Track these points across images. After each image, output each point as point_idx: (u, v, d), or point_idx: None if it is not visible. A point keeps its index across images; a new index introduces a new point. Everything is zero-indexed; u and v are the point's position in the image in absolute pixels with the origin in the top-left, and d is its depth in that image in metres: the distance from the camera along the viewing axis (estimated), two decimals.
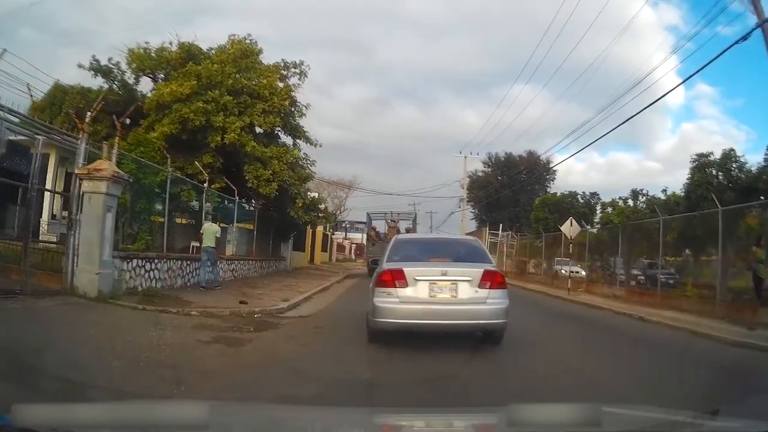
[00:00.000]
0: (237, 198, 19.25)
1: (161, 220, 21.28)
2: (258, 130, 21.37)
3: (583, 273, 24.18)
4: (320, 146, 22.47)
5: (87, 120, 12.21)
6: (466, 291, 7.54)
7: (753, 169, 18.82)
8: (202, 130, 19.77)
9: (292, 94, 21.19)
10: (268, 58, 22.42)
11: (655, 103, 30.78)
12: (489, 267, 7.91)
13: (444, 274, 7.62)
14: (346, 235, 70.75)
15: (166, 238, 14.03)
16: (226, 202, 19.76)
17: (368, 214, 36.10)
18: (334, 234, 62.25)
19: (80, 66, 22.34)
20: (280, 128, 21.66)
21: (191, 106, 19.62)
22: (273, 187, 19.25)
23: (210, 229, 14.74)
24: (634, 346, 9.95)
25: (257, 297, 13.24)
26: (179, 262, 14.11)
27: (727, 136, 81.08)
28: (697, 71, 16.11)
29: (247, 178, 19.34)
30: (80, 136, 11.91)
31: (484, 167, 59.64)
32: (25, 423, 1.87)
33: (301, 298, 13.82)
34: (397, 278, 7.54)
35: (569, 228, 21.61)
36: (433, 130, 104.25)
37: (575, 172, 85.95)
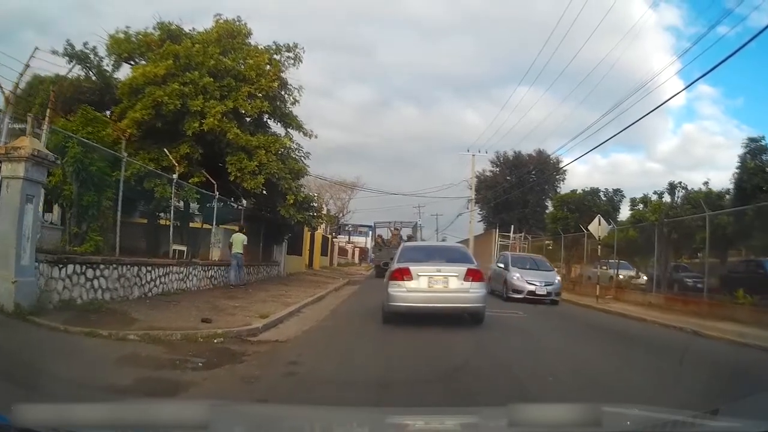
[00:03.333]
0: (217, 194, 16.64)
1: (141, 219, 19.02)
2: (246, 119, 18.84)
3: (644, 279, 21.10)
4: (315, 137, 19.84)
5: (12, 89, 9.74)
6: (454, 283, 9.98)
7: None
8: (179, 115, 17.27)
9: (282, 75, 18.55)
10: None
11: (657, 103, 28.43)
12: (471, 266, 10.39)
13: (438, 271, 10.10)
14: (349, 239, 68.43)
15: (119, 239, 11.44)
16: (214, 201, 17.28)
17: (374, 223, 41.23)
18: (336, 237, 59.86)
19: (54, 52, 19.98)
20: (268, 115, 19.05)
21: (166, 89, 17.16)
22: (259, 180, 16.63)
23: (238, 238, 16.91)
24: (723, 376, 7.28)
25: (229, 312, 10.61)
26: (135, 268, 11.50)
27: (728, 136, 79.63)
28: (719, 64, 13.82)
29: (229, 170, 16.77)
30: (4, 108, 9.42)
31: (492, 167, 56.96)
32: (25, 423, 1.82)
33: (285, 312, 11.18)
34: (405, 274, 9.99)
35: (597, 227, 18.96)
36: (436, 132, 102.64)
37: (577, 174, 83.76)
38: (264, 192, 17.53)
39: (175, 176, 14.70)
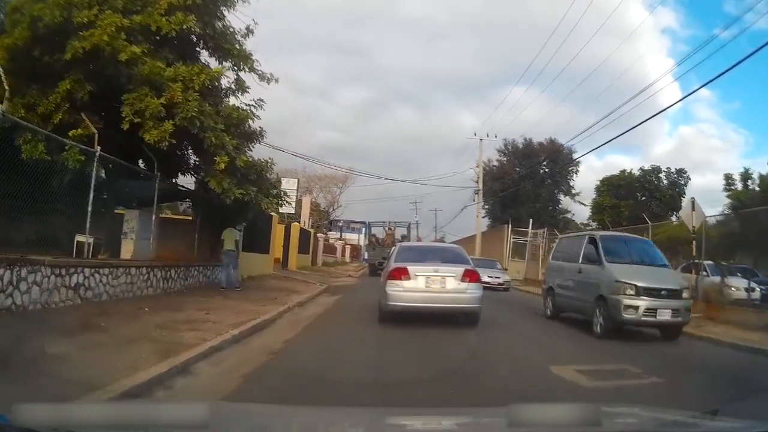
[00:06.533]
0: (98, 149, 10.29)
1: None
2: (167, 44, 12.38)
3: (757, 291, 14.59)
4: (276, 81, 13.42)
5: None
6: (451, 283, 10.31)
7: None
8: (61, 35, 11.22)
9: None
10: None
11: (654, 104, 23.17)
12: (468, 267, 10.74)
13: (436, 272, 10.45)
14: (341, 235, 62.28)
15: None
16: (94, 161, 11.10)
17: (368, 223, 41.68)
18: (327, 233, 53.90)
19: None
20: (202, 42, 12.76)
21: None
22: (166, 128, 10.29)
23: (229, 234, 15.17)
24: None
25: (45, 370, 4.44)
26: None
27: (725, 139, 76.91)
28: (728, 70, 12.03)
29: (123, 113, 10.53)
30: None
31: (500, 156, 50.93)
32: (25, 423, 1.75)
33: (153, 374, 4.97)
34: (402, 274, 10.35)
35: (690, 214, 12.95)
36: (435, 134, 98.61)
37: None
38: (176, 149, 11.19)
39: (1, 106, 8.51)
